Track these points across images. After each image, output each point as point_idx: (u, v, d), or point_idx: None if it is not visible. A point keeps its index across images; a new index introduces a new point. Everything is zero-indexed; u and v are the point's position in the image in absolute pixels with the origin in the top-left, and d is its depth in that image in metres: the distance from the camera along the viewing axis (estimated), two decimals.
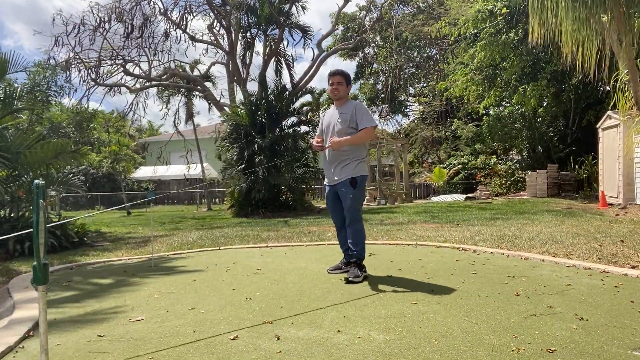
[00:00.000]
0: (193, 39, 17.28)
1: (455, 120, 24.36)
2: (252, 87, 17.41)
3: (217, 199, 24.08)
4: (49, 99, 15.63)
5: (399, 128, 26.85)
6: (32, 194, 3.23)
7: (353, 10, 26.19)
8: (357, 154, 4.07)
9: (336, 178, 4.06)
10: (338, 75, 4.19)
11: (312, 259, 5.01)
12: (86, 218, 13.35)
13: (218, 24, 17.35)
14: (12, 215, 7.43)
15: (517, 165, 20.14)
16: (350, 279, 3.85)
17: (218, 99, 17.89)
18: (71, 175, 8.70)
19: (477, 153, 22.47)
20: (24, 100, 8.16)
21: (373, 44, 19.59)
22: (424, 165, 25.45)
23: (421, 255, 5.00)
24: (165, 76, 17.81)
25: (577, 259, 4.53)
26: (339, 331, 2.66)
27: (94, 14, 15.12)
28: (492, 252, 5.06)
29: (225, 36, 17.42)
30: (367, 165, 4.25)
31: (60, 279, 4.57)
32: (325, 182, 4.28)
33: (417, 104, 29.50)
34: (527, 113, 18.67)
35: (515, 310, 2.93)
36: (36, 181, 1.91)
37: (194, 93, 19.56)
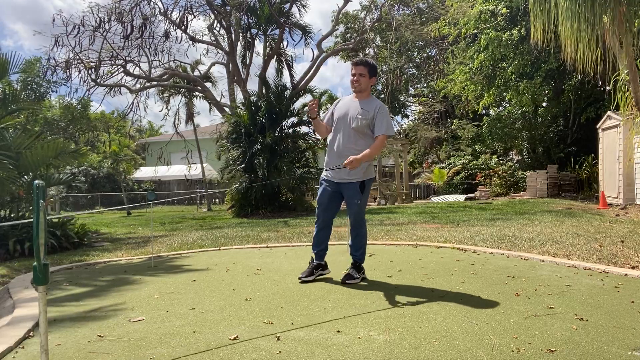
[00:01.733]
0: (193, 39, 17.28)
1: (455, 120, 24.36)
2: (252, 87, 17.43)
3: (217, 199, 24.08)
4: (43, 96, 15.65)
5: (399, 129, 26.87)
6: (32, 194, 3.23)
7: (355, 10, 26.20)
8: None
9: (345, 177, 3.76)
10: (361, 66, 3.83)
11: None
12: (86, 219, 13.37)
13: (218, 25, 17.35)
14: (12, 215, 7.43)
15: (517, 166, 20.15)
16: (347, 281, 3.79)
17: (218, 99, 17.90)
18: (71, 177, 8.70)
19: (477, 153, 22.48)
20: (22, 100, 8.14)
21: (373, 44, 19.56)
22: (424, 165, 25.47)
23: (421, 256, 5.00)
24: (165, 76, 17.81)
25: (577, 259, 4.53)
26: (339, 331, 2.65)
27: (93, 14, 15.14)
28: (492, 253, 5.06)
29: (225, 36, 17.43)
30: (372, 167, 4.04)
31: (61, 279, 4.57)
32: (326, 175, 3.92)
33: (418, 105, 29.51)
34: (527, 113, 18.68)
35: (515, 311, 2.93)
36: (36, 181, 1.91)
37: (194, 93, 19.55)
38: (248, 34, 17.11)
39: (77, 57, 15.45)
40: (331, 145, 3.91)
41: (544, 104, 18.95)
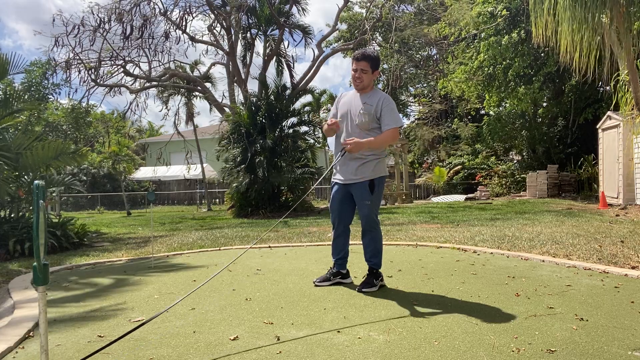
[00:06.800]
0: (193, 39, 17.26)
1: (455, 120, 24.35)
2: (253, 87, 17.43)
3: (217, 200, 24.07)
4: (47, 97, 15.63)
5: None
6: (32, 194, 3.23)
7: (358, 11, 26.10)
8: (377, 151, 3.58)
9: (352, 177, 3.56)
10: (363, 61, 3.52)
11: (312, 260, 5.01)
12: (86, 219, 13.35)
13: (218, 25, 17.34)
14: (12, 215, 7.43)
15: (517, 166, 20.15)
16: (364, 289, 3.54)
17: (219, 100, 17.90)
18: (71, 177, 8.70)
19: (477, 153, 22.48)
20: (24, 100, 8.14)
21: (374, 42, 19.51)
22: (423, 165, 25.46)
23: (421, 256, 5.00)
24: (165, 77, 17.80)
25: (577, 259, 4.53)
26: (339, 332, 2.65)
27: (93, 14, 15.13)
28: (492, 253, 5.06)
29: (225, 37, 17.42)
30: (385, 164, 3.79)
31: (61, 279, 4.57)
32: (335, 179, 3.72)
33: (418, 105, 29.50)
34: (527, 113, 18.69)
35: (515, 311, 2.93)
36: (36, 182, 1.91)
37: (194, 94, 19.54)
38: (248, 34, 17.10)
39: (77, 57, 15.44)
40: (337, 146, 3.70)
41: (544, 104, 18.97)
